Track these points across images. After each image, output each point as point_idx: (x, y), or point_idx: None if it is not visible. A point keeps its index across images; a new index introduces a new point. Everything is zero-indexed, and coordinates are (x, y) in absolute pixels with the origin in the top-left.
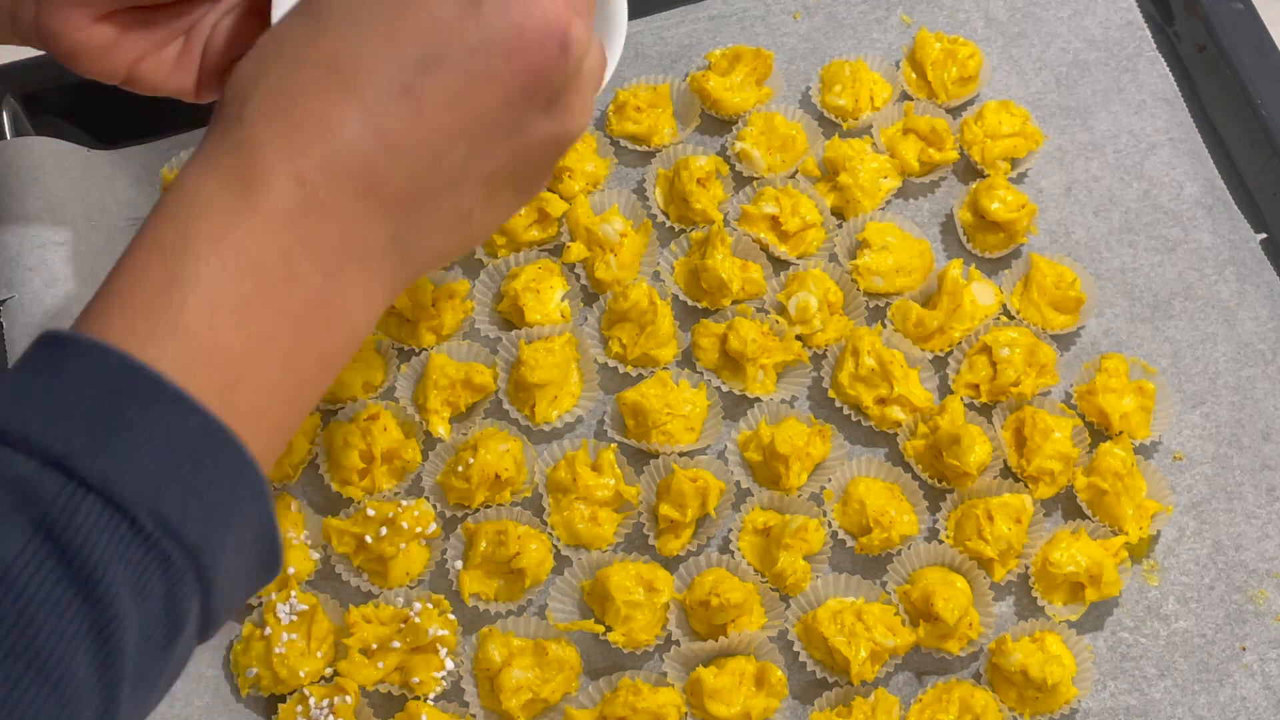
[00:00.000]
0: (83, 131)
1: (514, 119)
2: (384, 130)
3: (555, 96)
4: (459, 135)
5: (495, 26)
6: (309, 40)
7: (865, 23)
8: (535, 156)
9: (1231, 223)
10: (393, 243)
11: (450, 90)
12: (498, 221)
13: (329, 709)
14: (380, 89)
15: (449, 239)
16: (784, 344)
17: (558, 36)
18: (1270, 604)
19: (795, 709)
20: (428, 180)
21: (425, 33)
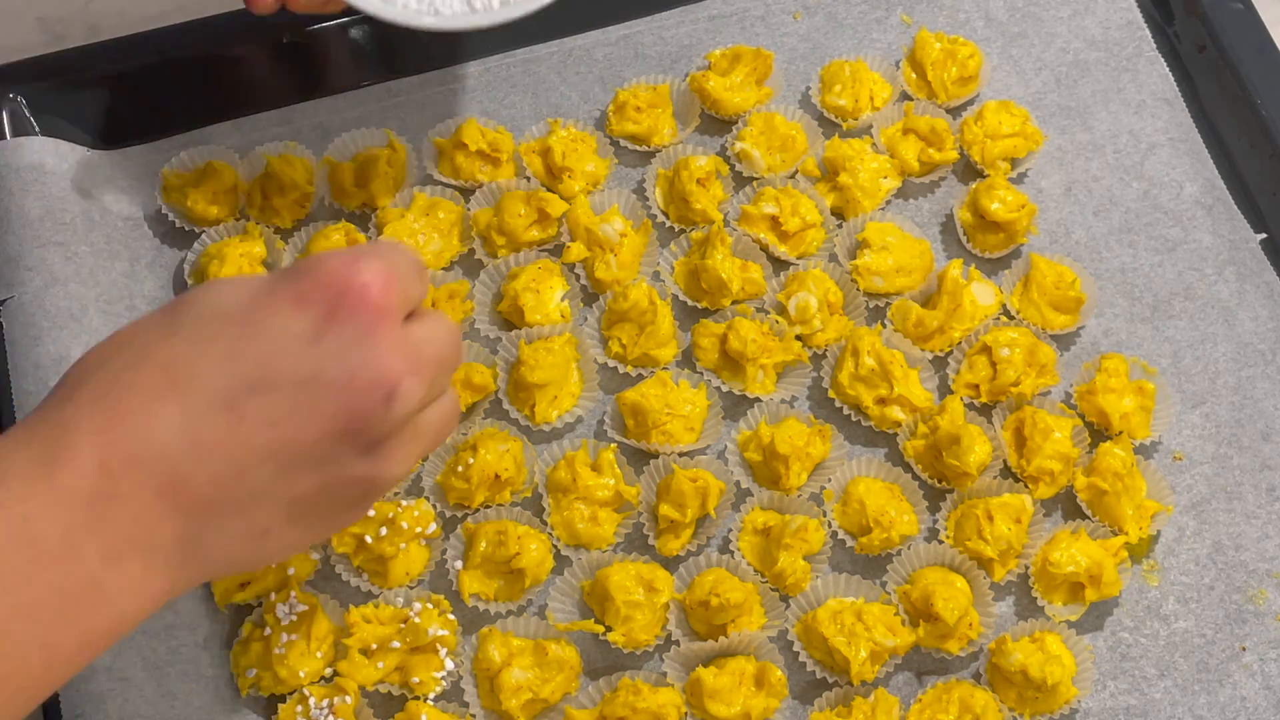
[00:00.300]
0: (83, 131)
1: (327, 453)
2: (198, 437)
3: (375, 442)
4: (269, 457)
5: (329, 366)
6: (157, 340)
7: (865, 23)
8: (345, 492)
9: (1231, 223)
10: (180, 542)
11: (271, 414)
12: (297, 544)
13: (329, 709)
14: (205, 399)
15: (241, 550)
16: (784, 344)
17: (386, 388)
18: (1270, 604)
19: (795, 709)
20: (230, 491)
21: (262, 357)
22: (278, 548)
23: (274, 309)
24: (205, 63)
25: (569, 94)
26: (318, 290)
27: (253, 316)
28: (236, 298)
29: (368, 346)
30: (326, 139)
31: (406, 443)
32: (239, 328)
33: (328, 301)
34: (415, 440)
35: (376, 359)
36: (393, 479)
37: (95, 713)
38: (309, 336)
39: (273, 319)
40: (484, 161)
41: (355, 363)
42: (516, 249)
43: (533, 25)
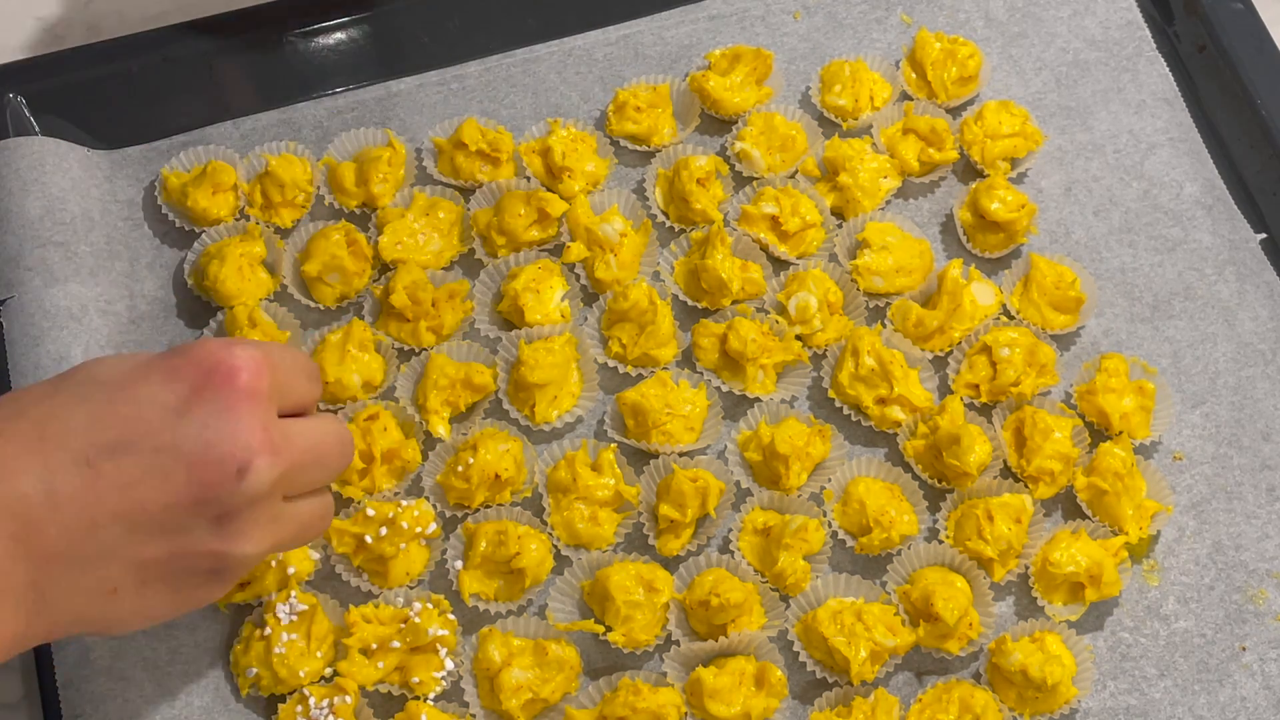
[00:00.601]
0: (83, 131)
1: (178, 521)
2: (55, 489)
3: (225, 515)
4: (120, 516)
5: (187, 436)
6: (38, 399)
7: (865, 23)
8: (195, 563)
9: (1231, 223)
10: (32, 588)
11: (126, 475)
12: (149, 611)
13: (329, 709)
14: (68, 454)
15: (91, 606)
16: (784, 344)
17: (238, 463)
18: (1270, 604)
19: (795, 709)
20: (80, 545)
21: (126, 422)
22: (130, 611)
23: (147, 379)
24: (205, 63)
25: (569, 94)
26: (190, 366)
27: (126, 383)
28: (119, 367)
29: (227, 421)
30: (326, 139)
31: (261, 524)
32: (112, 392)
33: (197, 378)
34: (272, 524)
35: (233, 435)
36: (245, 558)
37: (95, 713)
38: (174, 408)
39: (144, 388)
40: (484, 161)
41: (212, 436)
42: (516, 249)
43: (533, 25)
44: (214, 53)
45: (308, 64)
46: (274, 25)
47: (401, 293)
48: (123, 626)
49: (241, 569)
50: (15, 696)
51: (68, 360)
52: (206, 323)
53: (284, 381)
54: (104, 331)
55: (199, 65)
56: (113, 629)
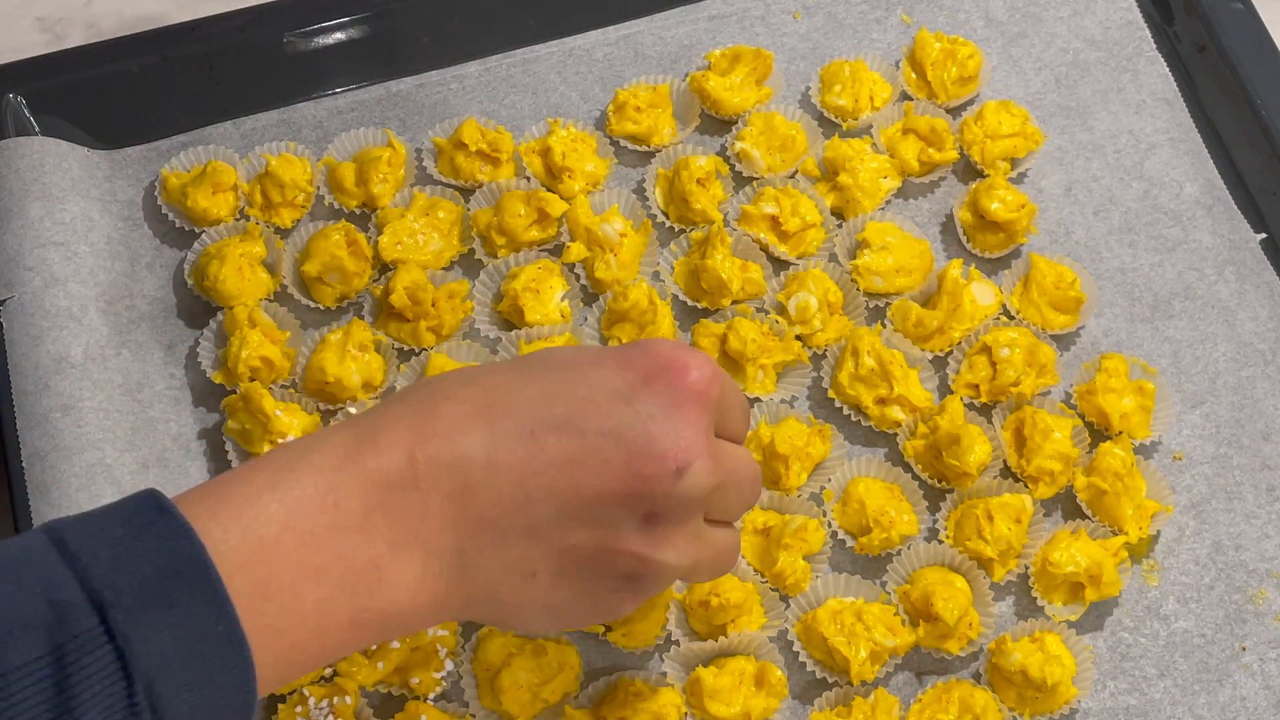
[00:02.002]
0: (83, 131)
1: (607, 513)
2: (496, 456)
3: (654, 515)
4: (554, 494)
5: (632, 425)
6: (489, 371)
7: (865, 23)
8: (616, 562)
9: (1231, 223)
10: (457, 554)
11: (568, 453)
12: (559, 608)
13: (329, 709)
14: (513, 424)
15: (508, 584)
16: (784, 344)
17: (679, 461)
18: (1270, 604)
19: (795, 709)
20: (510, 517)
21: (574, 402)
22: (541, 602)
23: (600, 364)
24: (205, 63)
25: (569, 94)
26: (644, 357)
27: (579, 366)
28: (572, 351)
29: (673, 417)
30: (326, 139)
31: (686, 535)
32: (565, 372)
33: (650, 370)
34: (694, 540)
35: (677, 432)
36: (664, 567)
37: None
38: (624, 395)
39: (596, 372)
40: (484, 161)
41: (656, 430)
42: (516, 249)
43: (533, 25)
44: (214, 53)
45: (308, 64)
46: (274, 25)
47: (401, 293)
48: (528, 617)
49: (658, 582)
50: None
51: (67, 360)
52: (206, 323)
53: (728, 401)
54: (104, 331)
55: (199, 65)
56: (520, 618)
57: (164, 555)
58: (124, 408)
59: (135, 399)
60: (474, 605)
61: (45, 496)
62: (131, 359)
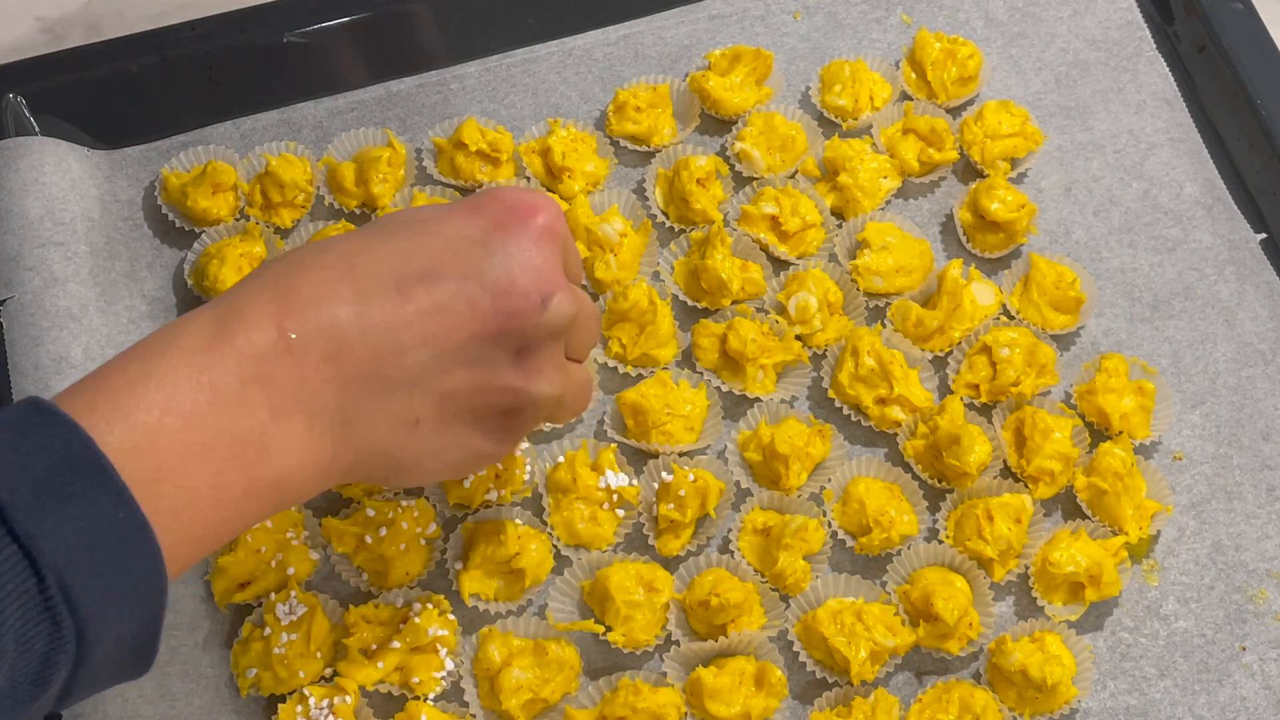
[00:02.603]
0: (83, 131)
1: (481, 353)
2: (366, 313)
3: (525, 349)
4: (428, 341)
5: (493, 265)
6: (344, 240)
7: (865, 23)
8: (495, 399)
9: (1231, 223)
10: (340, 413)
11: (436, 301)
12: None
13: (329, 709)
14: (376, 282)
15: (394, 436)
16: (784, 344)
17: (542, 293)
18: (1270, 604)
19: (795, 709)
20: (388, 369)
21: (433, 253)
22: (428, 451)
23: (450, 216)
24: (205, 63)
25: (569, 94)
26: (493, 204)
27: (430, 220)
28: (420, 210)
29: (530, 255)
30: (326, 139)
31: (554, 367)
32: (417, 228)
33: (499, 214)
34: (561, 373)
35: (536, 268)
36: (539, 397)
37: (95, 713)
38: (478, 240)
39: (448, 224)
40: (484, 161)
41: (516, 268)
42: None
43: (533, 25)
44: (214, 53)
45: (308, 64)
46: (274, 25)
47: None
48: (418, 468)
49: (532, 415)
50: None
51: (67, 360)
52: None
53: (569, 241)
54: (104, 331)
55: (199, 65)
56: (409, 470)
57: (54, 452)
58: None
59: None
60: (363, 462)
61: None
62: None
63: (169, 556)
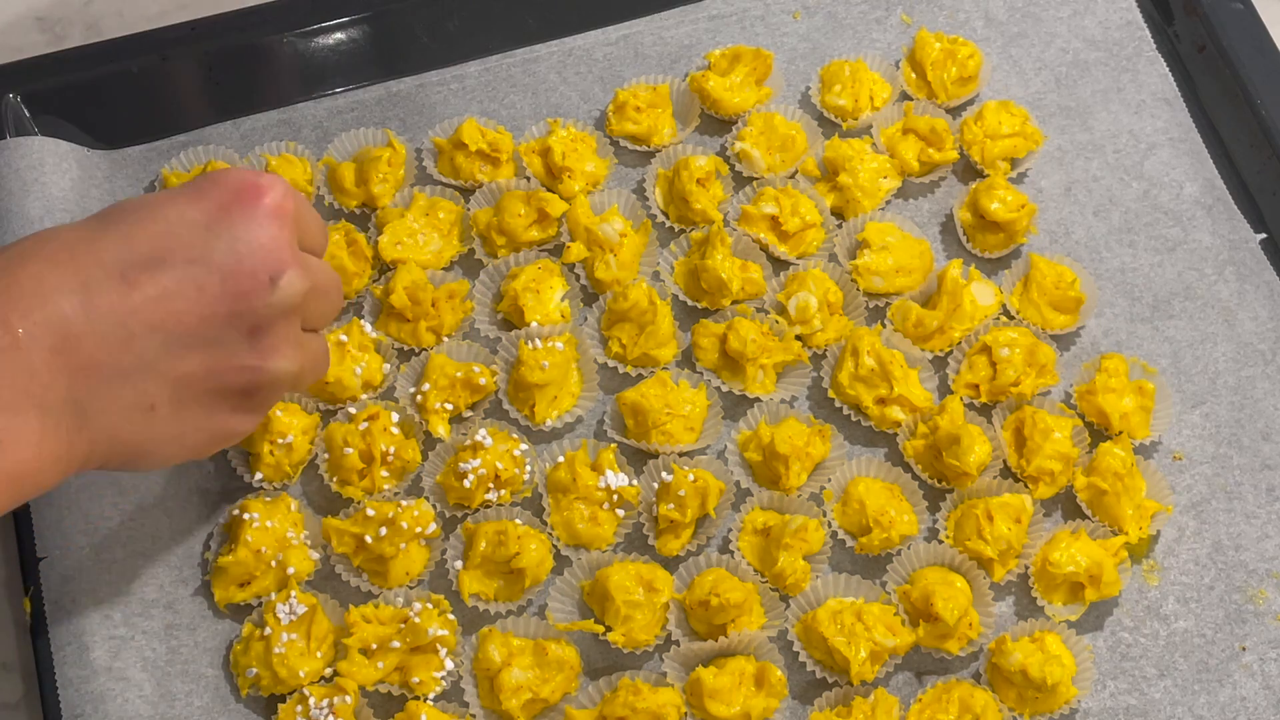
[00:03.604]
0: (83, 131)
1: (213, 333)
2: (92, 302)
3: (258, 328)
4: (156, 327)
5: (219, 249)
6: (68, 229)
7: (865, 23)
8: (231, 379)
9: (1231, 223)
10: (72, 404)
11: (162, 287)
12: (186, 436)
13: (329, 709)
14: (101, 271)
15: (130, 424)
16: (784, 344)
17: (270, 271)
18: (1270, 604)
19: (795, 709)
20: (117, 357)
21: (157, 239)
22: (167, 435)
23: (174, 201)
24: (205, 63)
25: (569, 94)
26: (215, 188)
27: (153, 206)
28: (144, 197)
29: (256, 235)
30: (326, 139)
31: (289, 343)
32: (140, 214)
33: (224, 197)
34: (297, 348)
35: (264, 247)
36: (277, 374)
37: (95, 713)
38: (204, 224)
39: (171, 208)
40: (484, 161)
41: (243, 248)
42: (516, 249)
43: (533, 25)
44: (214, 53)
45: (308, 64)
46: (274, 25)
47: (401, 293)
48: (159, 453)
49: (273, 391)
50: (15, 696)
51: None
52: None
53: (305, 217)
54: None
55: (199, 65)
56: (149, 456)
57: None
58: None
59: None
60: (99, 450)
61: (45, 496)
62: None
63: None
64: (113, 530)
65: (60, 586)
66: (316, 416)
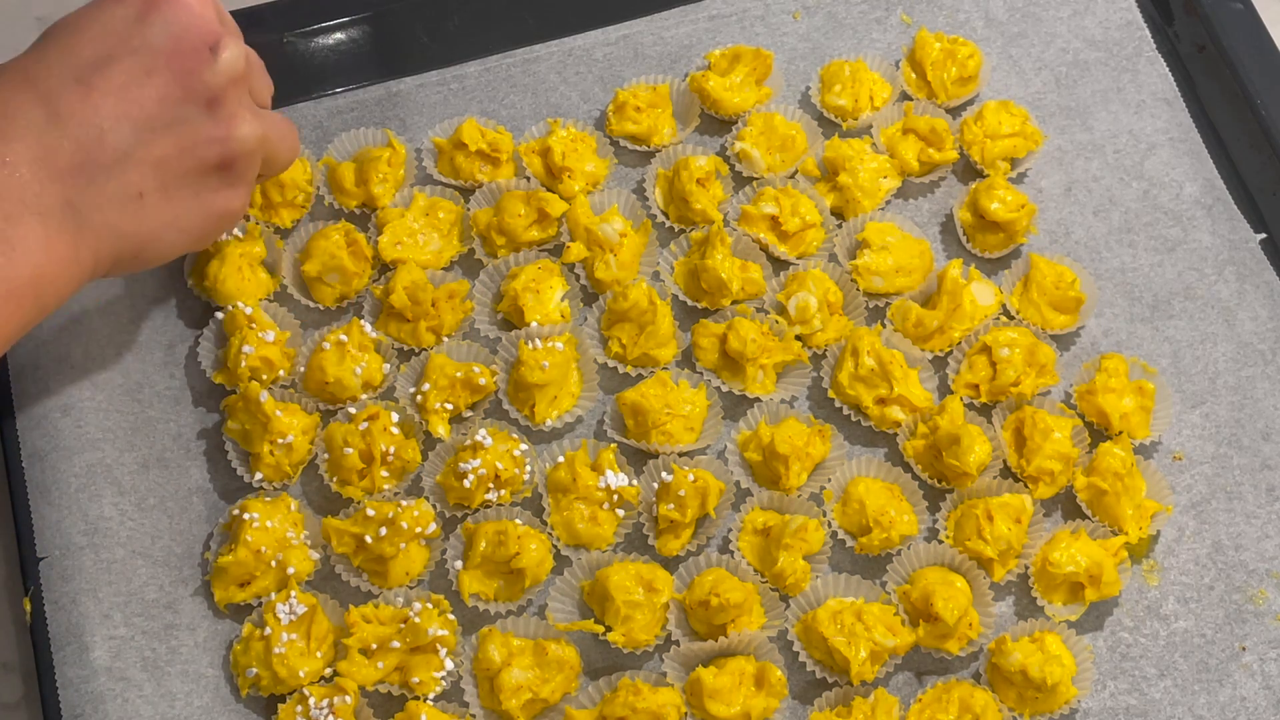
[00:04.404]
0: None
1: (174, 113)
2: (56, 110)
3: (214, 99)
4: (122, 118)
5: (156, 33)
6: (15, 63)
7: (865, 23)
8: (204, 153)
9: (1231, 223)
10: (66, 206)
11: (116, 82)
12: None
13: (329, 709)
14: (57, 80)
15: (124, 215)
16: (784, 344)
17: (209, 40)
18: (1270, 604)
19: (795, 709)
20: (95, 154)
21: (97, 39)
22: (162, 222)
23: (102, 6)
24: None
25: (569, 94)
26: None
27: (84, 15)
28: (72, 13)
29: (186, 15)
30: (326, 139)
31: (247, 109)
32: (75, 26)
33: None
34: (257, 115)
35: (196, 23)
36: (245, 140)
37: (95, 713)
38: (135, 18)
39: (102, 13)
40: (484, 161)
41: (177, 29)
42: (516, 249)
43: (533, 25)
44: None
45: (308, 64)
46: (274, 25)
47: (401, 293)
48: (161, 240)
49: (247, 162)
50: (15, 696)
51: (68, 360)
52: (206, 323)
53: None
54: (104, 331)
55: None
56: (153, 245)
57: None
58: (124, 408)
59: (135, 399)
60: (105, 249)
61: (45, 496)
62: (131, 359)
63: None
64: (113, 530)
65: (60, 586)
66: (316, 416)
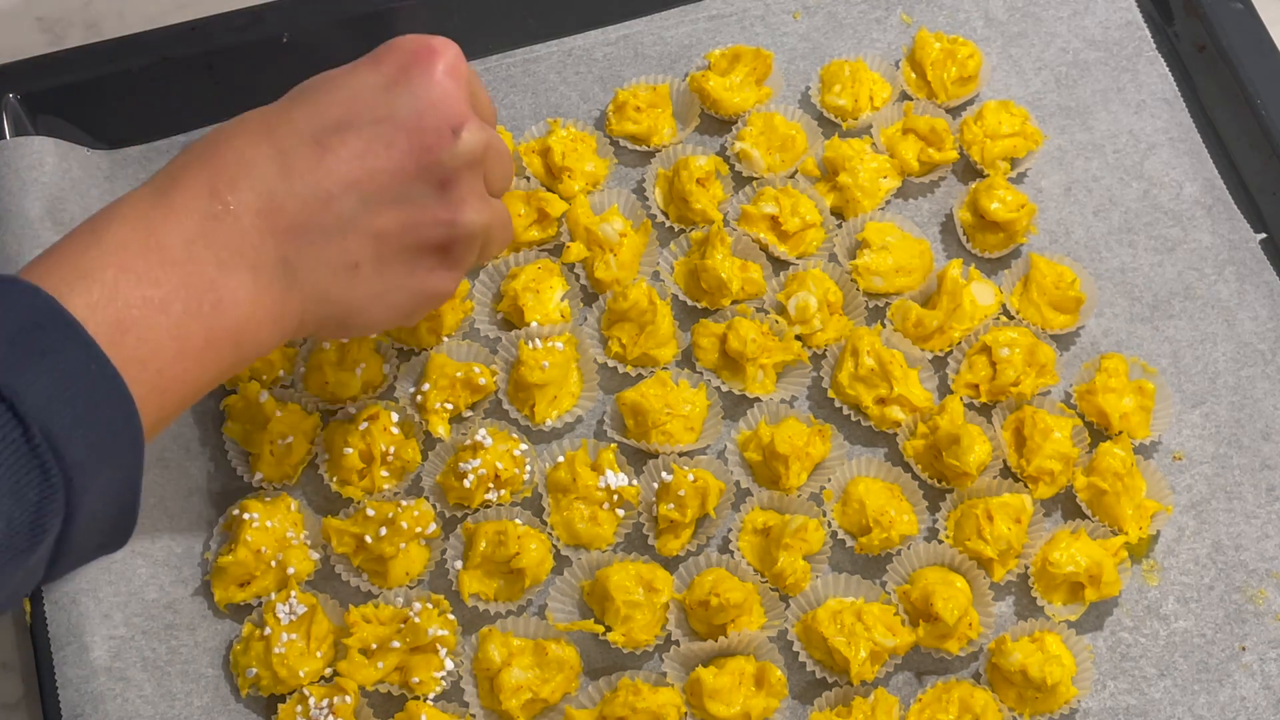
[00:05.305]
0: (83, 131)
1: (405, 189)
2: (290, 167)
3: (446, 180)
4: (352, 185)
5: (401, 106)
6: (261, 110)
7: (865, 23)
8: (427, 234)
9: (1231, 223)
10: (281, 264)
11: (353, 148)
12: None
13: (329, 709)
14: (296, 139)
15: (334, 281)
16: (784, 344)
17: (452, 123)
18: (1270, 604)
19: (795, 709)
20: (319, 217)
21: (343, 104)
22: (371, 294)
23: (354, 71)
24: (205, 63)
25: (569, 94)
26: (393, 54)
27: (335, 78)
28: (325, 74)
29: (436, 93)
30: None
31: (477, 197)
32: (326, 85)
33: (401, 60)
34: (485, 203)
35: (443, 102)
36: (470, 226)
37: (95, 713)
38: (384, 87)
39: (353, 78)
40: None
41: (424, 105)
42: (516, 249)
43: (533, 25)
44: (214, 53)
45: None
46: (274, 25)
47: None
48: (367, 313)
49: (466, 247)
50: (15, 696)
51: None
52: None
53: (475, 83)
54: None
55: (199, 65)
56: (358, 316)
57: (22, 313)
58: None
59: None
60: (311, 310)
61: None
62: None
63: (141, 408)
64: None
65: (60, 586)
66: (316, 416)
